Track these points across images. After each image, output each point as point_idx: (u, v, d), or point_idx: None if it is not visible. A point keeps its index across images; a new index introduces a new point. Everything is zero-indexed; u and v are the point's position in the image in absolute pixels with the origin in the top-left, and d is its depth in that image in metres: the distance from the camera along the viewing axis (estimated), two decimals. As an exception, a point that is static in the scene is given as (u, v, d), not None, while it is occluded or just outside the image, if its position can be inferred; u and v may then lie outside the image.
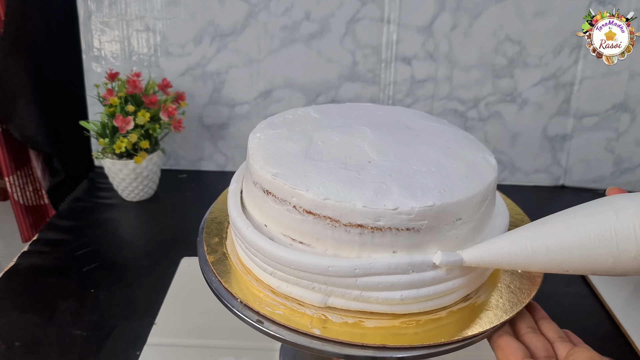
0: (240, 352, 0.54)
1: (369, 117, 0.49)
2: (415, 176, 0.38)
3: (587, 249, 0.35)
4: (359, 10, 0.83)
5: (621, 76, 0.84)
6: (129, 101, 0.77)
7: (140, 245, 0.73)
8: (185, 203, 0.84)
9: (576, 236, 0.35)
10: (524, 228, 0.38)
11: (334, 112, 0.50)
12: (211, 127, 0.91)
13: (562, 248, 0.36)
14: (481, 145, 0.46)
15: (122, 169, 0.78)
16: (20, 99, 0.79)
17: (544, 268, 0.37)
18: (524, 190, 0.89)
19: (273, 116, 0.48)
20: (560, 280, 0.68)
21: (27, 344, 0.55)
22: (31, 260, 0.68)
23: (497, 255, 0.37)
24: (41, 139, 0.82)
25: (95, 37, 0.86)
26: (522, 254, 0.36)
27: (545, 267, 0.37)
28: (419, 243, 0.37)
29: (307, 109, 0.50)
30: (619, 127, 0.87)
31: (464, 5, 0.82)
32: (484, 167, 0.41)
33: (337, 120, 0.47)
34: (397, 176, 0.38)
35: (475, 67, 0.85)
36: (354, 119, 0.48)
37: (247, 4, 0.83)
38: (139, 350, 0.54)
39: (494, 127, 0.89)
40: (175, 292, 0.63)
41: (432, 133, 0.46)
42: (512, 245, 0.37)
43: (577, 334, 0.59)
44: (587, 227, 0.35)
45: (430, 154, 0.42)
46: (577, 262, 0.35)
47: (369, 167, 0.39)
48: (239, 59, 0.86)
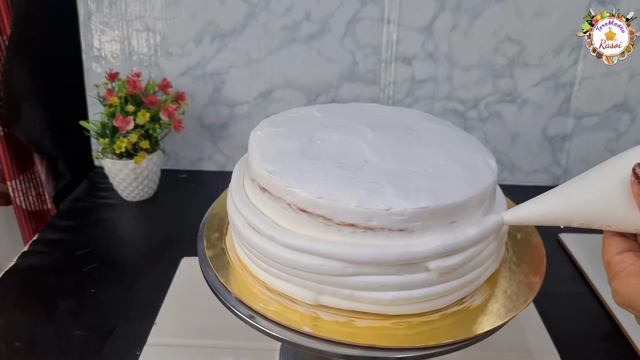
0: (240, 352, 0.54)
1: (372, 117, 0.49)
2: (411, 177, 0.38)
3: (628, 198, 0.34)
4: (359, 10, 0.83)
5: (621, 76, 0.84)
6: (129, 101, 0.77)
7: (140, 245, 0.73)
8: (185, 203, 0.84)
9: (614, 185, 0.35)
10: (562, 186, 0.38)
11: (337, 111, 0.50)
12: (211, 127, 0.91)
13: (601, 199, 0.35)
14: (483, 148, 0.45)
15: (122, 169, 0.78)
16: (25, 102, 0.79)
17: (586, 222, 0.37)
18: (524, 190, 0.89)
19: (276, 115, 0.49)
20: (560, 280, 0.68)
21: (27, 344, 0.55)
22: (31, 260, 0.68)
23: (537, 213, 0.37)
24: (47, 142, 0.82)
25: (95, 37, 0.86)
26: (563, 208, 0.36)
27: (586, 220, 0.36)
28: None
29: (311, 108, 0.50)
30: (619, 127, 0.87)
31: (464, 5, 0.82)
32: (483, 170, 0.41)
33: (338, 120, 0.47)
34: (393, 177, 0.38)
35: (475, 67, 0.85)
36: (356, 119, 0.47)
37: (247, 4, 0.83)
38: (139, 350, 0.54)
39: (494, 127, 0.89)
40: (175, 292, 0.63)
41: (433, 134, 0.46)
42: (552, 201, 0.37)
43: (577, 334, 0.59)
44: (625, 175, 0.35)
45: (429, 156, 0.42)
46: (619, 214, 0.35)
47: (366, 167, 0.39)
48: (239, 59, 0.86)
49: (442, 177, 0.39)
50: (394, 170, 0.39)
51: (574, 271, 0.69)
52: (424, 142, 0.44)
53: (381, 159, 0.40)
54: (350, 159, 0.40)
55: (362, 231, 0.36)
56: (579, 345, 0.57)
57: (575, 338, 0.58)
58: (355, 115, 0.49)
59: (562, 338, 0.57)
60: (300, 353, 0.53)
